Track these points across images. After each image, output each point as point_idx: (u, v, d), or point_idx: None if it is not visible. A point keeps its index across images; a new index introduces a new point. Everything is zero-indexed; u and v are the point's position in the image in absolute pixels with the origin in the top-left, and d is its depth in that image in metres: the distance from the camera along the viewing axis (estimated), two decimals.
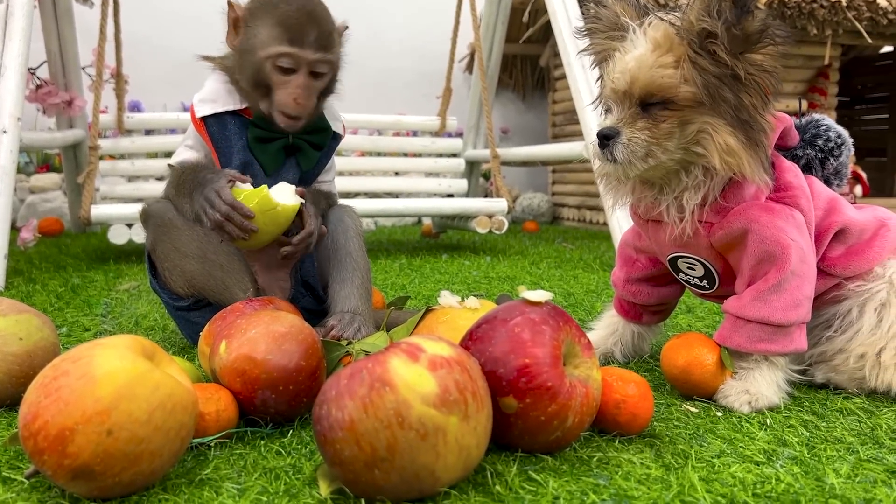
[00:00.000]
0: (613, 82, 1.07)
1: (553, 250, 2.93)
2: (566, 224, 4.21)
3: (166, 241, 1.29)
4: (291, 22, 1.25)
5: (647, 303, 1.30)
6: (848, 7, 3.17)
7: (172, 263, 1.29)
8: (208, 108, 1.34)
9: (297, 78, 1.26)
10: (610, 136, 1.06)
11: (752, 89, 1.01)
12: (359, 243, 1.35)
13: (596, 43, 1.17)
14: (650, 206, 1.14)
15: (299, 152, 1.35)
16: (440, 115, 3.26)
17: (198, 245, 1.26)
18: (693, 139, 1.05)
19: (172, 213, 1.30)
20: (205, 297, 1.29)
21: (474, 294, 1.14)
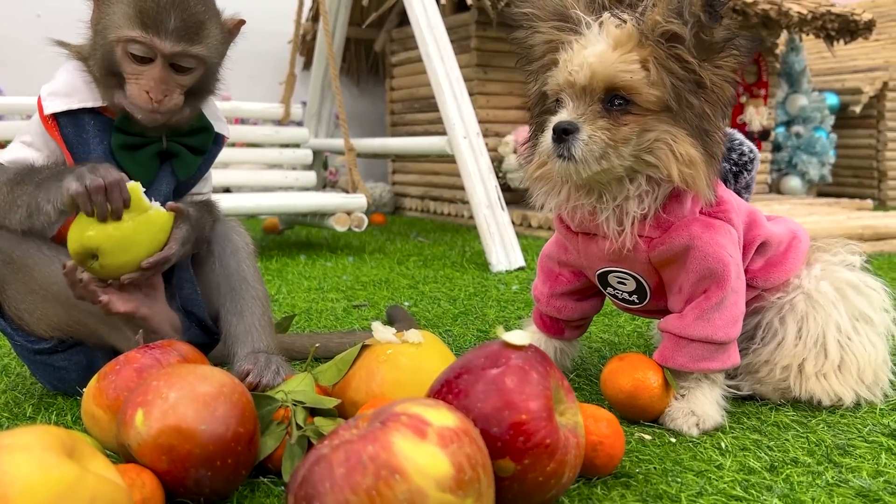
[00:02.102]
0: (571, 74, 1.00)
1: (412, 246, 2.85)
2: (409, 214, 4.14)
3: (18, 283, 1.05)
4: (149, 4, 1.04)
5: (570, 318, 1.25)
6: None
7: (31, 306, 1.06)
8: (61, 103, 1.10)
9: (152, 70, 1.06)
10: (570, 131, 0.99)
11: (713, 98, 0.99)
12: (252, 265, 1.19)
13: (537, 30, 1.09)
14: (585, 217, 1.09)
15: (175, 158, 1.15)
16: (283, 101, 3.05)
17: (59, 287, 1.04)
18: (647, 147, 1.00)
19: (21, 247, 1.05)
20: (77, 340, 1.07)
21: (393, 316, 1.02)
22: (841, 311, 1.15)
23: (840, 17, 3.85)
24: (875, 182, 4.85)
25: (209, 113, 1.19)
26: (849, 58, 5.00)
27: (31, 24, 3.75)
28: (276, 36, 4.37)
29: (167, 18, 1.04)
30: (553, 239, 1.26)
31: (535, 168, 1.11)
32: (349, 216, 2.62)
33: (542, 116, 1.12)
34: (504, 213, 2.41)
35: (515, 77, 3.53)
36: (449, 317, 1.71)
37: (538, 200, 1.13)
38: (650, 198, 1.04)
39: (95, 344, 1.08)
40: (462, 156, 2.42)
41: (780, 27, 3.77)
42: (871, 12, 4.95)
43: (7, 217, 1.03)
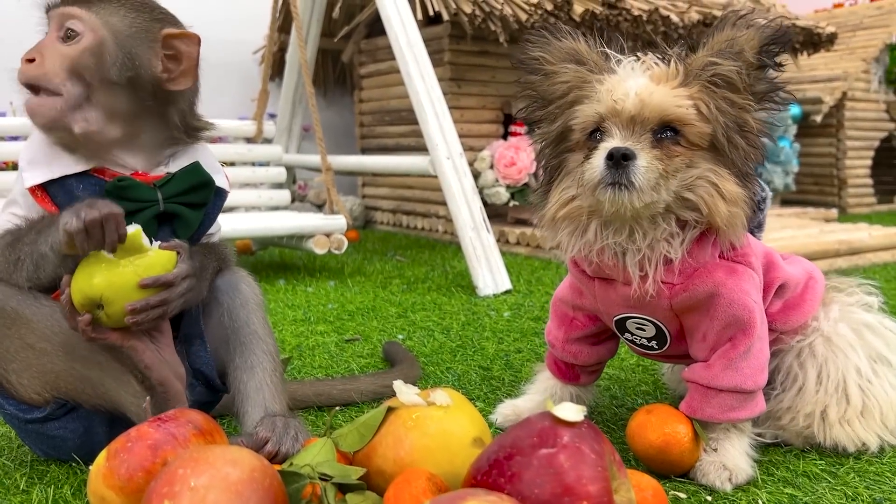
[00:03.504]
0: (617, 103, 0.98)
1: (391, 267, 2.79)
2: (381, 228, 4.08)
3: (12, 338, 0.97)
4: None
5: (586, 363, 1.22)
6: (647, 21, 3.36)
7: (23, 364, 0.98)
8: (42, 173, 1.01)
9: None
10: (629, 157, 0.96)
11: (754, 142, 0.99)
12: (262, 318, 1.12)
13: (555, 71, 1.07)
14: (608, 259, 1.05)
15: (176, 219, 1.07)
16: (255, 118, 2.97)
17: (62, 338, 0.97)
18: (689, 184, 0.99)
19: (15, 298, 0.98)
20: (74, 402, 1.00)
21: (434, 390, 0.97)
22: (860, 354, 1.14)
23: (804, 31, 3.91)
24: (836, 190, 4.95)
25: (207, 165, 1.11)
26: (808, 67, 5.10)
27: None
28: (241, 45, 4.28)
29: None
30: (566, 282, 1.23)
31: (559, 207, 1.07)
32: (328, 238, 2.56)
33: (562, 156, 1.09)
34: (489, 235, 2.37)
35: (489, 91, 3.50)
36: (446, 351, 1.66)
37: (562, 241, 1.09)
38: (678, 240, 1.02)
39: (95, 405, 1.00)
40: (445, 177, 2.38)
41: None
42: (827, 21, 5.06)
43: (13, 275, 0.97)
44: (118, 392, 0.99)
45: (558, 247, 1.13)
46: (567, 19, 3.13)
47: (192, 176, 1.07)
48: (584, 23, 3.19)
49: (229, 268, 1.14)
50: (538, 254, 3.02)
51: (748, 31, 0.99)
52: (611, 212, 1.00)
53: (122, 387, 0.99)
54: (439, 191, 3.60)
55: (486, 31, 3.03)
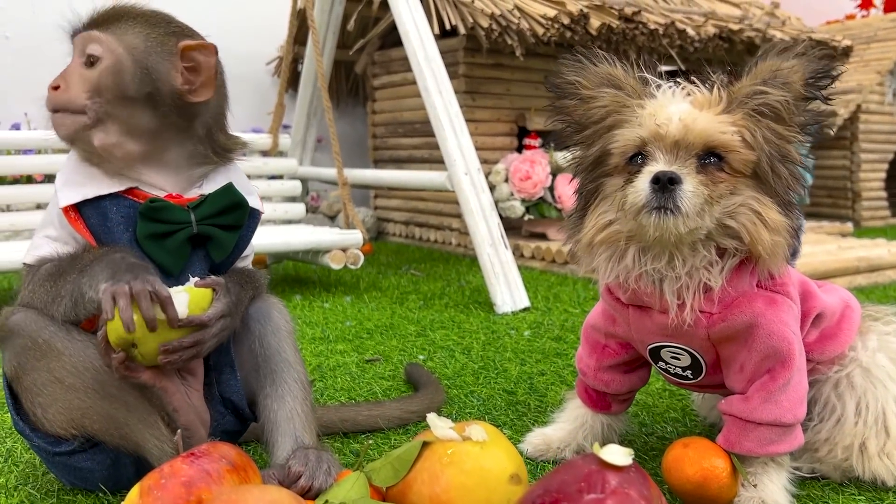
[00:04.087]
0: (660, 127, 0.97)
1: (407, 281, 2.78)
2: (393, 240, 4.07)
3: (41, 370, 0.96)
4: None
5: (618, 391, 1.20)
6: (663, 35, 3.35)
7: (50, 398, 0.96)
8: (76, 193, 1.00)
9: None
10: (676, 181, 0.94)
11: (794, 171, 0.98)
12: (293, 346, 1.11)
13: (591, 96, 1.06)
14: (644, 286, 1.03)
15: (210, 241, 1.06)
16: (271, 132, 2.96)
17: (92, 374, 0.95)
18: (731, 211, 0.98)
19: (48, 329, 0.96)
20: (98, 441, 0.98)
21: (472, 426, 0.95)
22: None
23: (820, 44, 3.89)
24: (850, 203, 4.91)
25: (240, 186, 1.09)
26: None
27: (0, 45, 3.59)
28: (254, 57, 4.28)
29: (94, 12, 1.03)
30: (598, 309, 1.21)
31: (596, 232, 1.05)
32: (345, 253, 2.54)
33: (599, 180, 1.07)
34: (507, 252, 2.35)
35: (504, 104, 3.49)
36: (469, 373, 1.65)
37: (599, 266, 1.08)
38: (717, 268, 1.01)
39: (118, 445, 0.98)
40: (464, 193, 2.36)
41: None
42: (842, 34, 5.04)
43: (50, 307, 0.96)
44: (143, 434, 0.97)
45: (593, 272, 1.12)
46: (583, 33, 3.12)
47: (225, 197, 1.05)
48: (600, 36, 3.17)
49: (262, 295, 1.13)
50: (553, 268, 3.00)
51: (794, 61, 0.98)
52: (654, 237, 0.98)
53: (147, 429, 0.97)
54: (452, 203, 3.60)
55: (501, 44, 3.02)
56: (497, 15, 2.92)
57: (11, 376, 0.98)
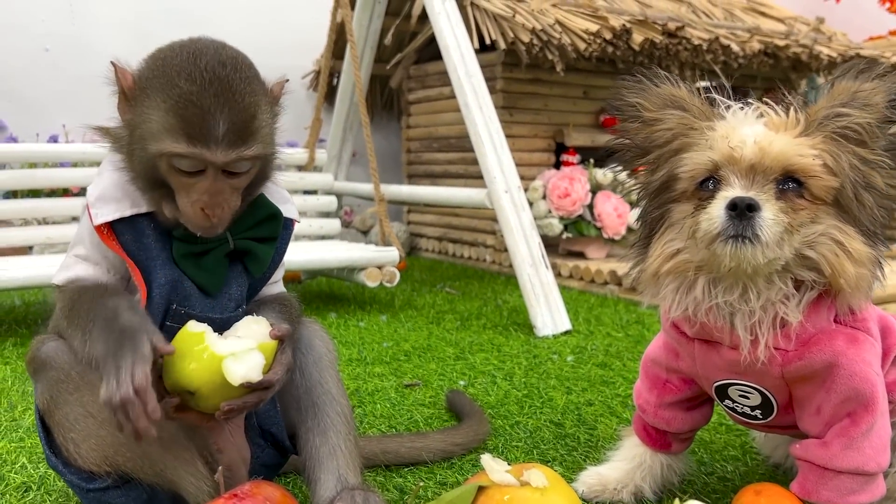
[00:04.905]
0: (734, 150, 0.90)
1: (442, 300, 2.72)
2: (426, 256, 4.01)
3: (73, 404, 0.91)
4: (191, 110, 0.86)
5: (679, 430, 1.13)
6: (707, 51, 3.27)
7: (83, 433, 0.91)
8: (111, 210, 0.94)
9: (204, 181, 0.89)
10: (754, 208, 0.87)
11: (882, 202, 0.92)
12: (336, 376, 1.05)
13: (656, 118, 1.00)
14: (714, 320, 0.96)
15: (247, 256, 1.01)
16: (308, 146, 2.93)
17: None
18: (810, 241, 0.91)
19: (81, 364, 0.92)
20: (131, 478, 0.93)
21: (534, 469, 0.89)
22: None
23: (869, 61, 3.78)
24: None
25: (274, 197, 1.04)
26: None
27: (40, 57, 3.61)
28: (290, 71, 4.26)
29: (214, 125, 0.86)
30: (660, 342, 1.14)
31: (662, 261, 0.98)
32: (380, 271, 2.49)
33: (665, 206, 1.00)
34: (548, 272, 2.28)
35: (541, 119, 3.43)
36: (512, 401, 1.58)
37: (665, 298, 1.00)
38: (794, 301, 0.93)
39: (152, 483, 0.93)
40: (504, 211, 2.30)
41: (810, 70, 3.70)
42: (889, 50, 4.90)
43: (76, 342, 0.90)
44: (177, 472, 0.92)
45: (657, 305, 1.05)
46: (625, 48, 3.05)
47: (258, 209, 1.00)
48: (642, 52, 3.10)
49: (301, 322, 1.08)
50: (592, 288, 2.93)
51: (873, 83, 0.91)
52: (729, 267, 0.90)
53: (182, 466, 0.91)
54: (487, 219, 3.54)
55: (541, 59, 2.97)
56: (538, 30, 2.87)
57: (44, 409, 0.94)
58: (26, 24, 3.57)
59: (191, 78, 0.86)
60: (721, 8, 3.83)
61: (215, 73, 0.87)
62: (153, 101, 0.88)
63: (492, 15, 2.95)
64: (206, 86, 0.86)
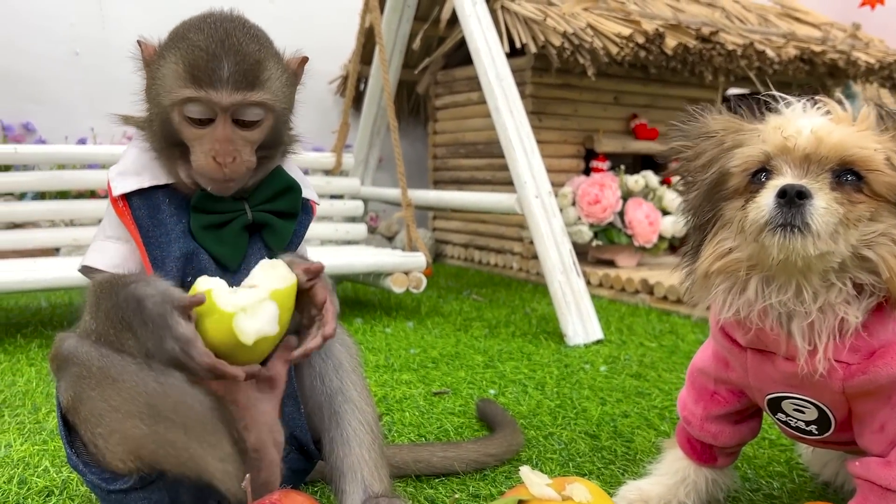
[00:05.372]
0: (788, 139, 0.85)
1: (469, 307, 2.67)
2: (452, 263, 3.97)
3: (96, 399, 0.87)
4: (198, 55, 0.89)
5: (726, 444, 1.07)
6: (742, 56, 3.20)
7: (108, 428, 0.88)
8: (131, 182, 0.95)
9: (215, 129, 0.90)
10: (805, 195, 0.82)
11: None
12: (360, 382, 1.01)
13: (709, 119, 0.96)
14: (765, 329, 0.90)
15: (265, 228, 0.99)
16: (335, 151, 2.90)
17: (145, 398, 0.86)
18: (868, 240, 0.85)
19: (103, 355, 0.88)
20: (159, 469, 0.89)
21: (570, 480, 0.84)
22: None
23: None
24: None
25: (294, 176, 1.03)
26: None
27: (69, 61, 3.63)
28: (316, 75, 4.25)
29: (220, 66, 0.89)
30: (708, 351, 1.08)
31: (713, 260, 0.93)
32: (407, 276, 2.45)
33: (717, 206, 0.95)
34: (580, 280, 2.23)
35: (570, 125, 3.37)
36: (545, 411, 1.53)
37: (716, 300, 0.95)
38: (854, 306, 0.87)
39: (180, 472, 0.89)
40: (534, 217, 2.25)
41: (847, 76, 3.62)
42: None
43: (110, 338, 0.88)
44: (204, 457, 0.88)
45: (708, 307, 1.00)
46: (658, 53, 2.99)
47: (275, 181, 0.99)
48: (675, 57, 3.04)
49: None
50: (623, 297, 2.86)
51: None
52: (778, 259, 0.85)
53: (208, 451, 0.87)
54: (514, 226, 3.50)
55: (572, 63, 2.92)
56: (569, 33, 2.82)
57: (67, 406, 0.90)
58: (56, 27, 3.59)
59: (199, 30, 0.91)
60: (755, 13, 3.76)
61: (222, 25, 0.91)
62: (166, 59, 0.91)
63: (522, 18, 2.91)
64: (212, 34, 0.90)
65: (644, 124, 3.46)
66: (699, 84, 3.58)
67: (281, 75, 0.94)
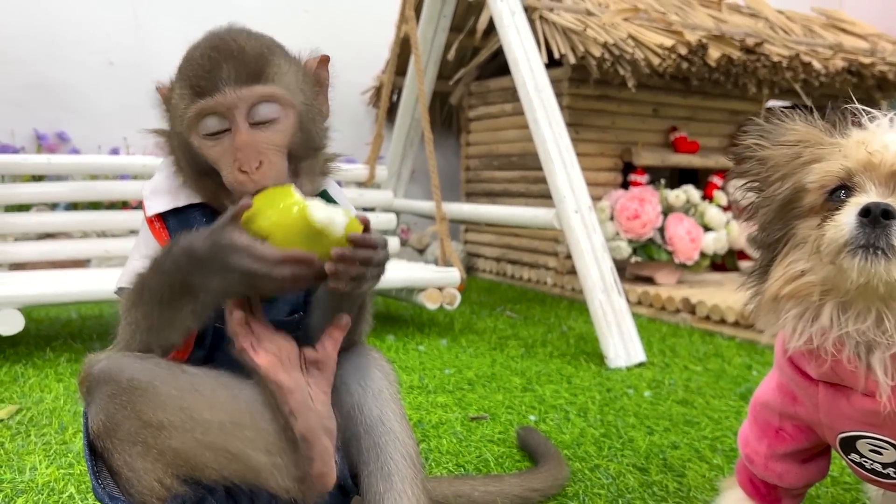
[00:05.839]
0: (873, 155, 0.79)
1: (504, 324, 2.60)
2: (483, 276, 3.90)
3: (130, 416, 0.82)
4: (197, 68, 0.85)
5: (792, 485, 0.99)
6: (787, 68, 3.10)
7: (144, 447, 0.82)
8: (166, 201, 0.90)
9: (233, 137, 0.84)
10: (892, 215, 0.74)
11: None
12: (399, 411, 0.95)
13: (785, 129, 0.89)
14: (840, 361, 0.82)
15: None
16: (368, 163, 2.85)
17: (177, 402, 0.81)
18: None
19: (134, 366, 0.84)
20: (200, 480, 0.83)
21: None
22: None
23: None
24: None
25: (338, 199, 0.97)
26: None
27: (104, 70, 3.64)
28: (349, 87, 4.22)
29: (219, 69, 0.84)
30: (773, 383, 1.00)
31: (783, 283, 0.85)
32: (441, 292, 2.39)
33: (790, 224, 0.88)
34: (621, 299, 2.15)
35: (608, 137, 3.30)
36: (589, 440, 1.45)
37: (786, 326, 0.87)
38: None
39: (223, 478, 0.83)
40: (573, 232, 2.18)
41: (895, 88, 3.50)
42: None
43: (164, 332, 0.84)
44: (247, 455, 0.82)
45: (774, 334, 0.92)
46: (701, 64, 2.91)
47: None
48: (719, 68, 2.96)
49: (360, 342, 0.98)
50: (663, 316, 2.77)
51: None
52: (857, 284, 0.77)
53: (250, 447, 0.82)
54: (548, 241, 3.42)
55: (611, 74, 2.84)
56: (610, 44, 2.75)
57: (97, 432, 0.85)
58: (91, 37, 3.60)
59: (197, 47, 0.87)
60: (800, 24, 3.65)
61: (220, 35, 0.87)
62: (174, 89, 0.88)
63: (561, 28, 2.84)
64: (210, 46, 0.86)
65: (684, 137, 3.37)
66: (741, 96, 3.48)
67: (294, 71, 0.89)
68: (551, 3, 2.95)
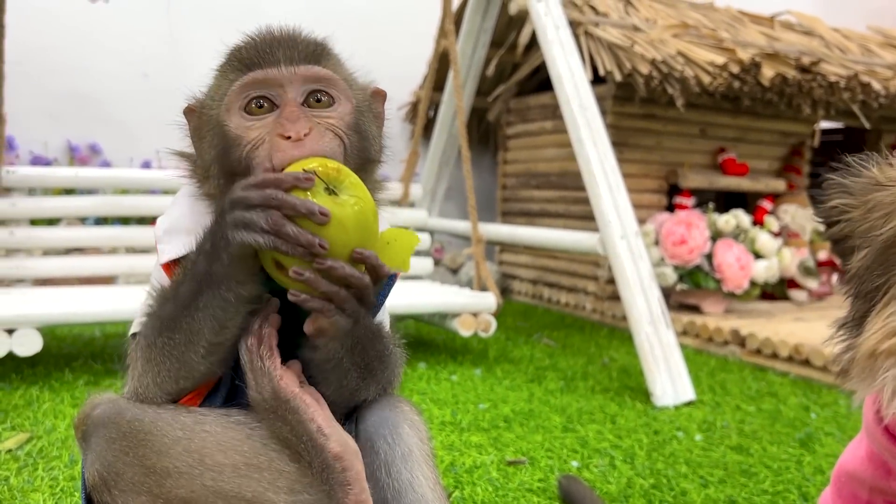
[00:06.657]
0: None
1: (541, 352, 2.47)
2: (519, 299, 3.77)
3: (132, 463, 0.73)
4: (249, 43, 0.80)
5: None
6: (844, 88, 2.95)
7: (149, 498, 0.73)
8: (181, 243, 0.80)
9: (281, 109, 0.77)
10: None
11: None
12: (432, 474, 0.84)
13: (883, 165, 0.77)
14: None
15: None
16: (403, 181, 2.76)
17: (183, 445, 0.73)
18: None
19: (135, 409, 0.75)
20: None
21: None
22: None
23: None
24: None
25: None
26: None
27: (138, 82, 3.60)
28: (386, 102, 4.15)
29: (276, 47, 0.79)
30: (861, 450, 0.87)
31: (882, 338, 0.72)
32: (475, 318, 2.27)
33: (892, 269, 0.75)
34: (669, 332, 2.01)
35: (653, 157, 3.16)
36: (637, 492, 1.32)
37: (885, 387, 0.74)
38: None
39: None
40: (619, 259, 2.05)
41: None
42: None
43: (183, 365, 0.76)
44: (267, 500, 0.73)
45: (861, 396, 0.79)
46: (754, 84, 2.77)
47: None
48: (772, 88, 2.81)
49: (389, 392, 0.87)
50: (710, 348, 2.62)
51: None
52: None
53: (271, 490, 0.74)
54: (588, 264, 3.29)
55: (658, 92, 2.71)
56: (658, 61, 2.63)
57: (94, 483, 0.75)
58: (126, 49, 3.57)
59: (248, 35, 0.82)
60: (856, 43, 3.49)
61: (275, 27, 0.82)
62: (216, 81, 0.82)
63: (607, 44, 2.73)
64: (266, 30, 0.81)
65: (733, 159, 3.22)
66: (793, 117, 3.33)
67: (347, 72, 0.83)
68: (597, 18, 2.84)
